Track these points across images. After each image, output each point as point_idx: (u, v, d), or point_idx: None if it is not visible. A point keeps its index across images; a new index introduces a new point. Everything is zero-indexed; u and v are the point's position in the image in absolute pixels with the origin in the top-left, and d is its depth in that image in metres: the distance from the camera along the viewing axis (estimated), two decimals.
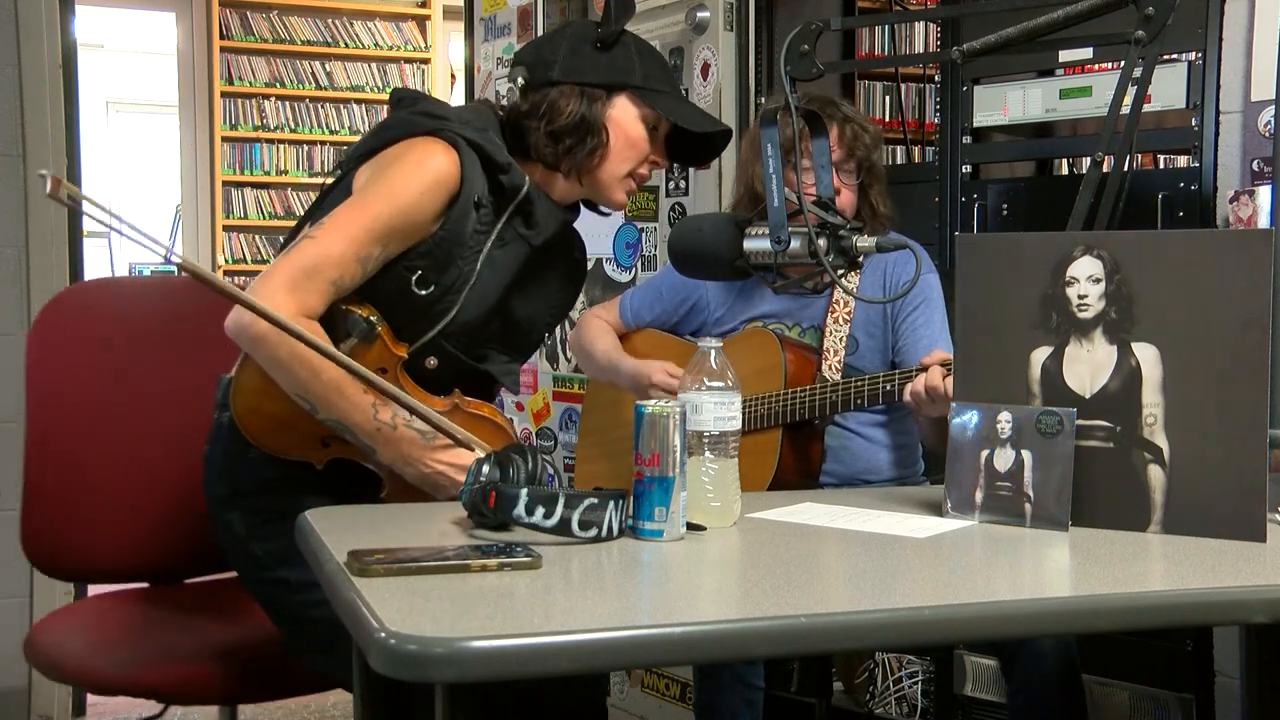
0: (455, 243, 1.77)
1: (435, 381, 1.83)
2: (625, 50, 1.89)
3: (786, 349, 2.27)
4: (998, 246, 1.69)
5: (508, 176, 1.81)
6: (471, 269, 1.80)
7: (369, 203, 1.73)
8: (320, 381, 1.69)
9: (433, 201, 1.74)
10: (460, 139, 1.77)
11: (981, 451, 1.58)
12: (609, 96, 1.87)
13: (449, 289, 1.78)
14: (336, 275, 1.70)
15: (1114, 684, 2.36)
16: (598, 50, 1.87)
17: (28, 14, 3.11)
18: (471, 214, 1.78)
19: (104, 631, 2.03)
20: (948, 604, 1.23)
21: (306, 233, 1.74)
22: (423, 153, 1.76)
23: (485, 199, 1.79)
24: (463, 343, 1.83)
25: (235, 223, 6.95)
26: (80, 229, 3.30)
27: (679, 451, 1.46)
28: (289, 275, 1.68)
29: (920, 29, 4.52)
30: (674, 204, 3.10)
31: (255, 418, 1.78)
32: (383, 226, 1.71)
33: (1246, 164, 2.24)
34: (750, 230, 1.77)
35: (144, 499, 2.18)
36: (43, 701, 3.19)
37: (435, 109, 1.86)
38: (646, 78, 1.88)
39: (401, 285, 1.76)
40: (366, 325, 1.74)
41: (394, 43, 7.33)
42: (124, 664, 1.91)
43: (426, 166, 1.74)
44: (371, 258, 1.73)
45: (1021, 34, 1.75)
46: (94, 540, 2.16)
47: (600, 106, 1.86)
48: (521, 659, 1.05)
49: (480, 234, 1.81)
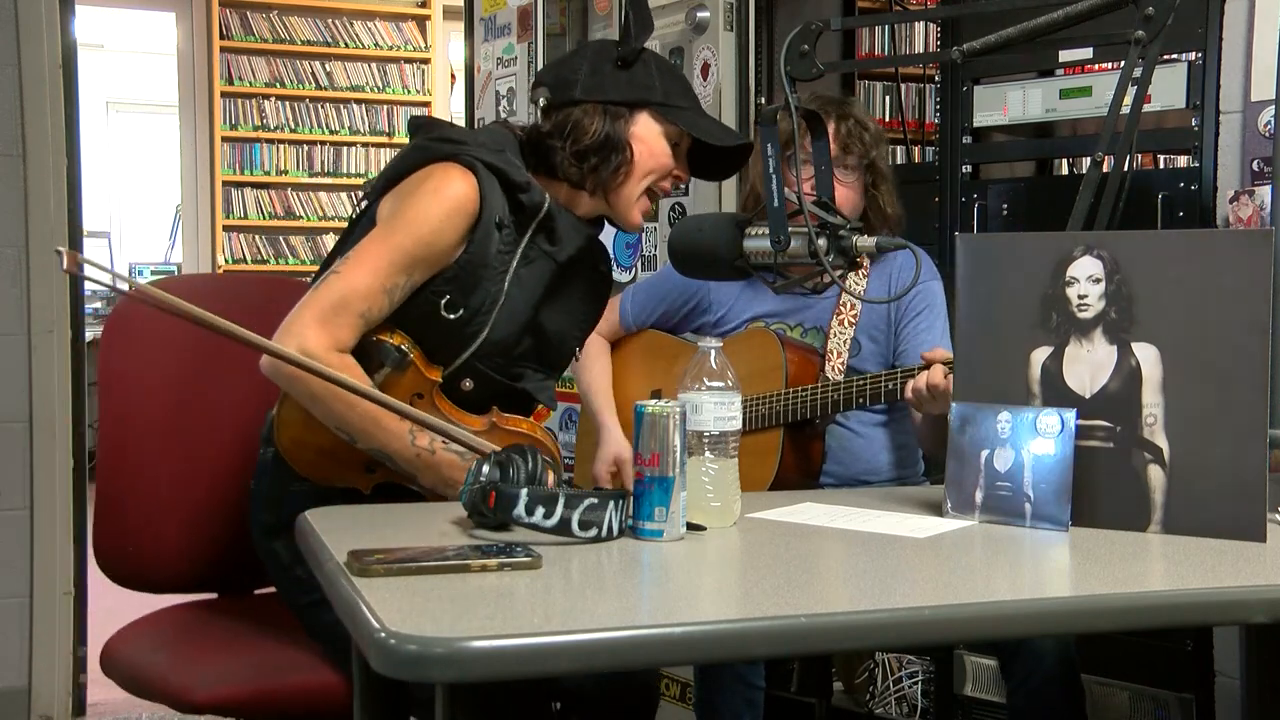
0: (480, 265, 1.79)
1: (472, 402, 1.85)
2: (646, 68, 1.90)
3: (788, 349, 2.27)
4: (998, 246, 1.70)
5: (527, 195, 1.82)
6: (499, 289, 1.82)
7: (391, 233, 1.76)
8: (356, 413, 1.72)
9: (454, 227, 1.76)
10: (478, 162, 1.79)
11: (981, 451, 1.58)
12: (631, 114, 1.88)
13: (478, 311, 1.80)
14: (364, 308, 1.73)
15: (1114, 684, 2.36)
16: (618, 68, 1.88)
17: (28, 14, 3.11)
18: (494, 235, 1.79)
19: (197, 645, 1.97)
20: (948, 604, 1.23)
21: (334, 267, 1.77)
22: (441, 179, 1.78)
23: (507, 219, 1.81)
24: (497, 363, 1.85)
25: (235, 223, 6.96)
26: (80, 229, 3.29)
27: (679, 451, 1.46)
28: (318, 311, 1.71)
29: (920, 29, 4.53)
30: (674, 204, 3.10)
31: (301, 450, 1.81)
32: (406, 256, 1.74)
33: (1246, 164, 2.24)
34: (750, 230, 1.77)
35: (212, 506, 2.12)
36: (43, 701, 3.19)
37: (452, 134, 1.88)
38: (668, 94, 1.90)
39: (430, 311, 1.78)
40: (399, 354, 1.76)
41: (394, 43, 7.33)
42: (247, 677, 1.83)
43: (445, 193, 1.76)
44: (398, 288, 1.75)
45: (1021, 34, 1.75)
46: (164, 549, 2.10)
47: (624, 124, 1.87)
48: (521, 659, 1.05)
49: (505, 254, 1.82)
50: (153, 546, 2.10)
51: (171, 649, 1.95)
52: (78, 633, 3.25)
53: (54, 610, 3.18)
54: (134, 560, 2.09)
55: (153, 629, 2.06)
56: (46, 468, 3.11)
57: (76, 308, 3.22)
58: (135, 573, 2.11)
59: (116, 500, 2.08)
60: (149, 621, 2.09)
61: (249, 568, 2.04)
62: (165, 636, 2.02)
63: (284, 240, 7.10)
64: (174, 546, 2.11)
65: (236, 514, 2.07)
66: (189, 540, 2.12)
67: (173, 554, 2.11)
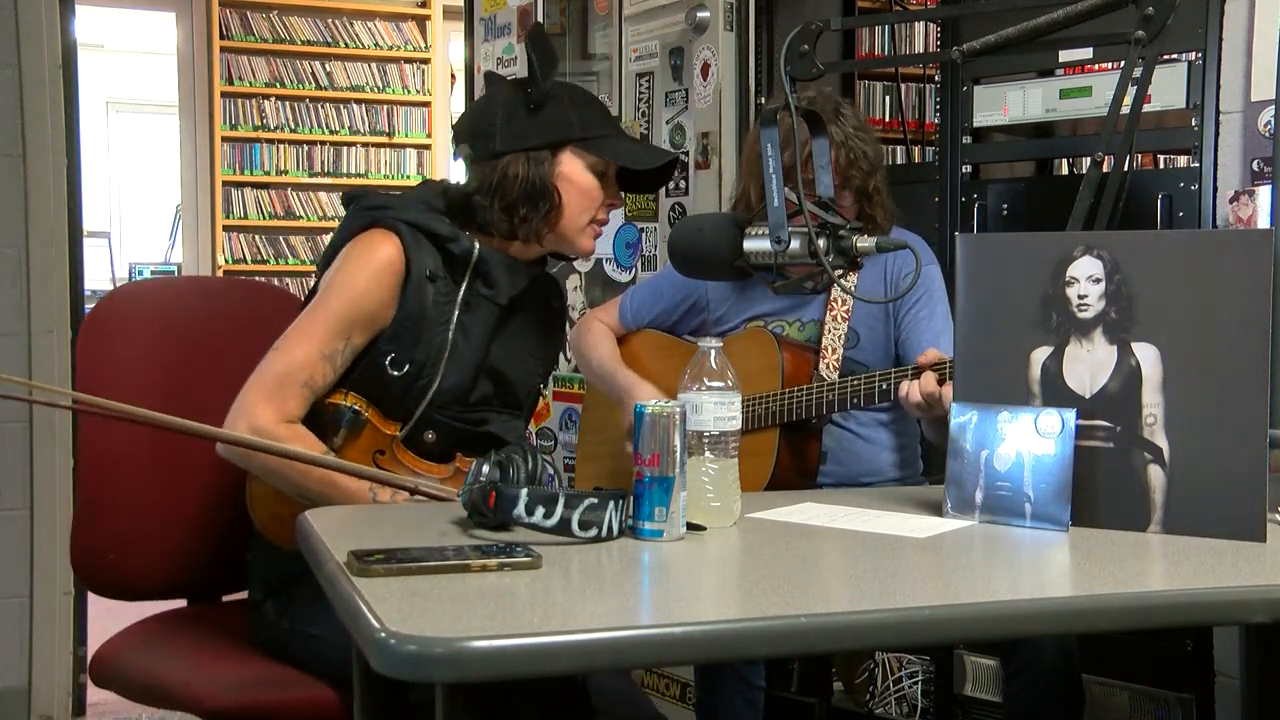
0: (418, 318, 1.83)
1: (438, 453, 1.89)
2: (559, 104, 1.91)
3: (784, 349, 2.27)
4: (998, 246, 1.70)
5: (456, 245, 1.87)
6: (444, 339, 1.86)
7: (324, 302, 1.83)
8: (313, 480, 1.76)
9: (381, 287, 1.82)
10: (400, 223, 1.85)
11: (981, 451, 1.58)
12: (554, 155, 1.90)
13: (425, 364, 1.85)
14: (306, 377, 1.79)
15: (1114, 684, 2.36)
16: (532, 111, 1.89)
17: (28, 14, 3.11)
18: (428, 288, 1.84)
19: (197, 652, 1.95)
20: (948, 604, 1.23)
21: (275, 344, 1.82)
22: (366, 244, 1.85)
23: (440, 271, 1.86)
24: (455, 411, 1.89)
25: (235, 223, 6.95)
26: (80, 229, 3.29)
27: (679, 451, 1.46)
28: (263, 389, 1.78)
29: (920, 29, 4.52)
30: (674, 204, 3.10)
31: (277, 523, 1.84)
32: (339, 321, 1.80)
33: (1246, 164, 2.24)
34: (750, 230, 1.77)
35: (184, 512, 2.10)
36: (43, 701, 3.20)
37: (379, 200, 1.92)
38: (585, 126, 1.91)
39: (377, 371, 1.84)
40: (353, 414, 1.83)
41: (394, 43, 7.33)
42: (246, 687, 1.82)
43: (370, 256, 1.83)
44: (338, 353, 1.81)
45: (1021, 34, 1.75)
46: (137, 555, 2.07)
47: (548, 167, 1.89)
48: (521, 659, 1.05)
49: (444, 304, 1.86)
50: (131, 552, 2.07)
51: (180, 655, 1.93)
52: (78, 633, 3.25)
53: (54, 610, 3.18)
54: (112, 567, 2.05)
55: (145, 636, 2.03)
56: (46, 468, 3.11)
57: (76, 308, 3.22)
58: (109, 579, 2.07)
59: (94, 505, 2.06)
60: (140, 628, 2.06)
61: (218, 574, 2.07)
62: (167, 643, 2.00)
63: (284, 240, 7.09)
64: (147, 552, 2.07)
65: (206, 520, 2.06)
66: (160, 546, 2.08)
67: (145, 560, 2.07)
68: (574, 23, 3.51)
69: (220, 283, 3.65)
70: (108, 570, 2.06)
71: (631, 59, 3.21)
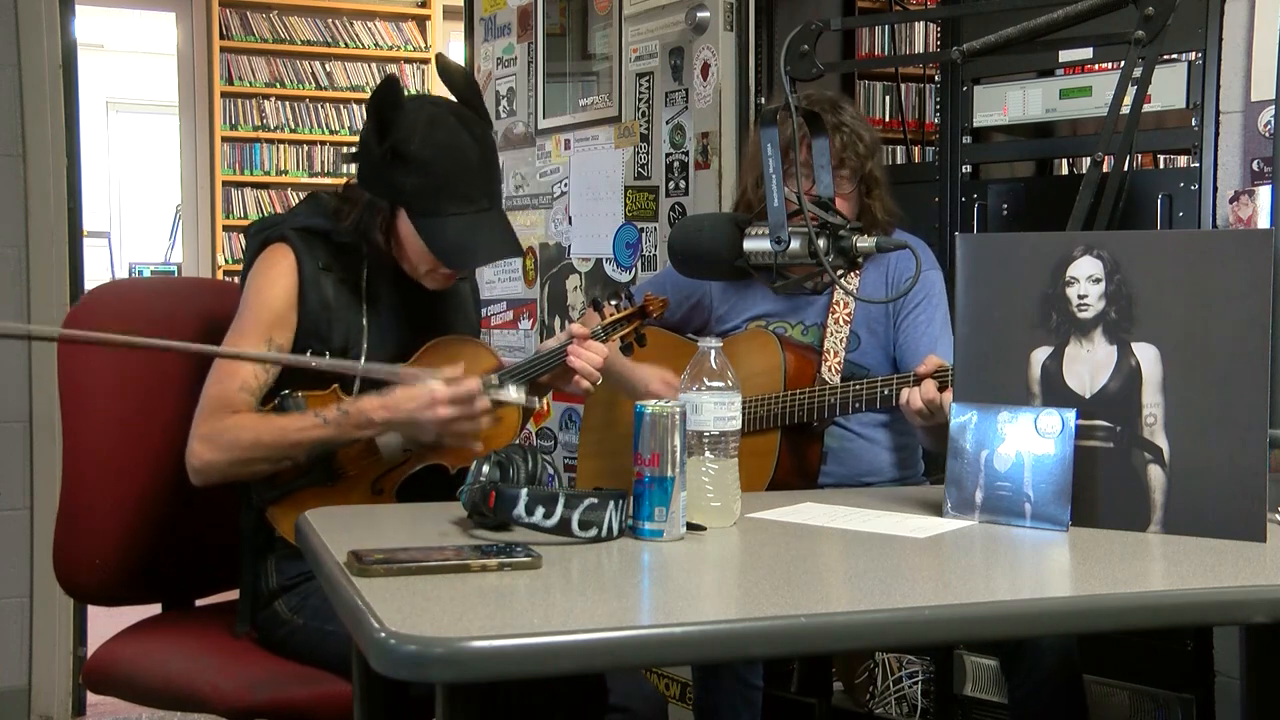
0: (323, 309, 1.92)
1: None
2: (404, 168, 1.88)
3: (787, 350, 2.27)
4: (998, 246, 1.70)
5: (339, 236, 1.96)
6: (359, 322, 1.96)
7: (239, 319, 1.93)
8: (270, 438, 1.84)
9: (282, 288, 1.92)
10: (284, 230, 1.96)
11: (981, 451, 1.58)
12: (393, 208, 1.93)
13: (346, 349, 1.94)
14: (240, 384, 1.88)
15: (1114, 684, 2.36)
16: (386, 161, 1.89)
17: (28, 14, 3.11)
18: (324, 278, 1.94)
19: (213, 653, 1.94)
20: (948, 604, 1.23)
21: (209, 375, 1.90)
22: (262, 260, 1.96)
23: (332, 263, 1.95)
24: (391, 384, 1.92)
25: (235, 223, 6.95)
26: (80, 229, 3.29)
27: (679, 451, 1.46)
28: (206, 426, 1.85)
29: (920, 29, 4.52)
30: (674, 204, 3.10)
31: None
32: (253, 328, 1.90)
33: (1246, 164, 2.24)
34: (750, 230, 1.77)
35: (160, 518, 2.08)
36: (43, 701, 3.20)
37: (267, 221, 2.03)
38: (419, 198, 1.90)
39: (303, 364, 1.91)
40: (293, 400, 1.89)
41: (394, 43, 7.33)
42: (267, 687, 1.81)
43: (267, 264, 1.94)
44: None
45: (1021, 34, 1.75)
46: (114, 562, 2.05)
47: (383, 218, 1.94)
48: (521, 659, 1.05)
49: (349, 291, 1.96)
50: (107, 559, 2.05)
51: (195, 657, 1.92)
52: (78, 633, 3.25)
53: (54, 610, 3.18)
54: (85, 570, 2.04)
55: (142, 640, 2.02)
56: (46, 468, 3.11)
57: None
58: (85, 583, 2.06)
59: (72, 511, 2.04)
60: (133, 633, 2.04)
61: (191, 579, 2.09)
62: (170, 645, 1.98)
63: None
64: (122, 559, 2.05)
65: (181, 526, 2.05)
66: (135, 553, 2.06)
67: (120, 566, 2.05)
68: (574, 23, 3.51)
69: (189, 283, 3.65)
70: (84, 576, 2.05)
71: (631, 59, 3.21)
